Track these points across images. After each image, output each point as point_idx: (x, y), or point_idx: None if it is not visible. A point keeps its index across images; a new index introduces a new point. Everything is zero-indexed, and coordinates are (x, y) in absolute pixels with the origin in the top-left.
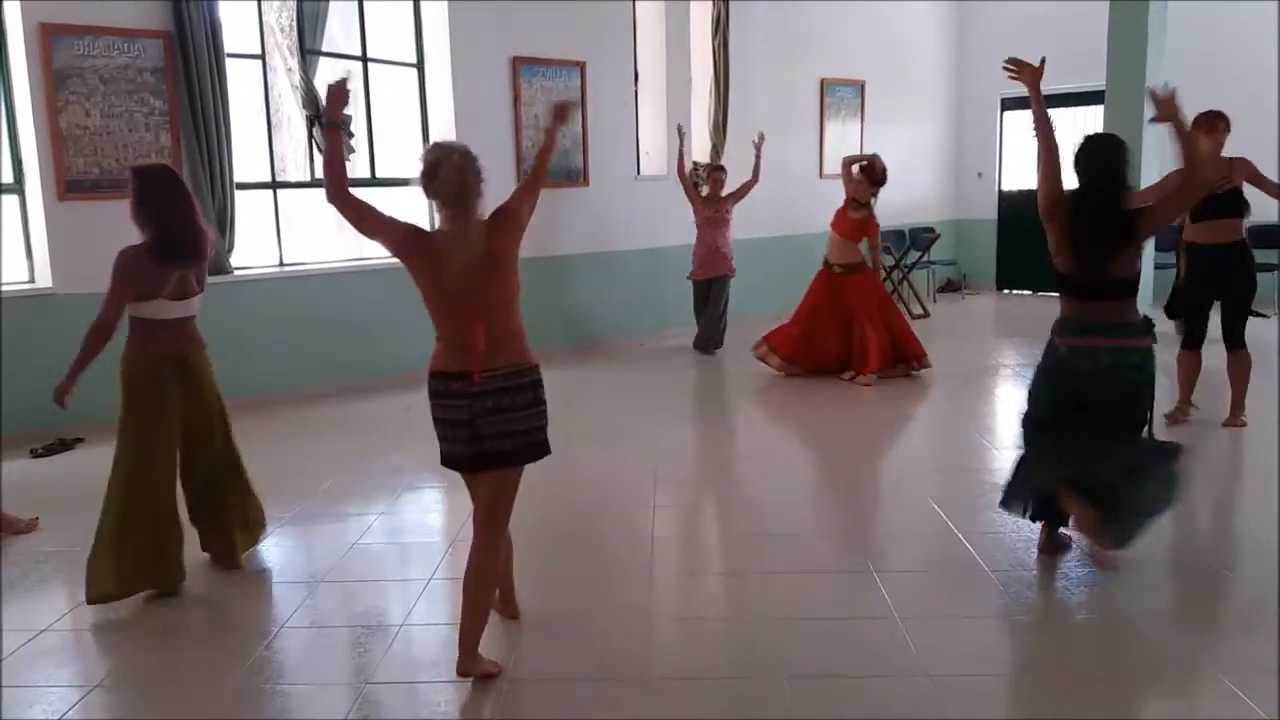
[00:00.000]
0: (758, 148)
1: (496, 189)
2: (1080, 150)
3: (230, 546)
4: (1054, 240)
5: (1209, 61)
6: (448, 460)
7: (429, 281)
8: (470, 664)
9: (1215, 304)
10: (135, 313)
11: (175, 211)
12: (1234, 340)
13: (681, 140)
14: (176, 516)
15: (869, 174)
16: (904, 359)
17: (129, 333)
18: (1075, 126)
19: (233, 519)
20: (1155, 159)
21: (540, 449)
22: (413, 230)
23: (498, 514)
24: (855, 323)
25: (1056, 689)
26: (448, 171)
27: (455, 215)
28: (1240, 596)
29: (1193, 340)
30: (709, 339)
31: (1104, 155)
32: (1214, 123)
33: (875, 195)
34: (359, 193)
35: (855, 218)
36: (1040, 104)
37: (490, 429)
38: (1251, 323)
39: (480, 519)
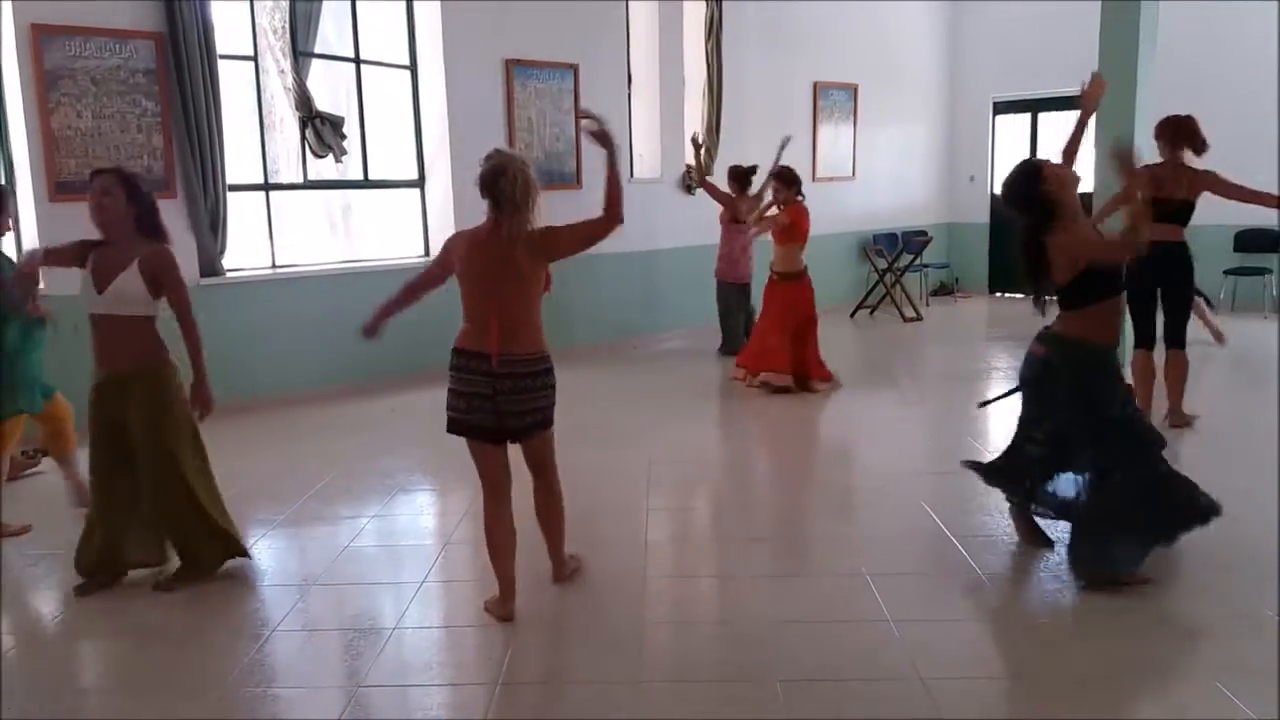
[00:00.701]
0: (781, 148)
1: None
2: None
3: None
4: None
5: (1202, 62)
6: (464, 429)
7: (461, 269)
8: (562, 568)
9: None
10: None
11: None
12: (1171, 339)
13: (698, 150)
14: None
15: (783, 179)
16: (800, 375)
17: (155, 339)
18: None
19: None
20: (1148, 159)
21: (546, 422)
22: (457, 236)
23: (545, 468)
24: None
25: (1049, 691)
26: (507, 182)
27: (499, 219)
28: (1233, 599)
29: (1141, 340)
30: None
31: (1013, 185)
32: (1176, 139)
33: (796, 191)
34: (354, 194)
35: (783, 222)
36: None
37: (509, 406)
38: (1252, 326)
39: (540, 471)
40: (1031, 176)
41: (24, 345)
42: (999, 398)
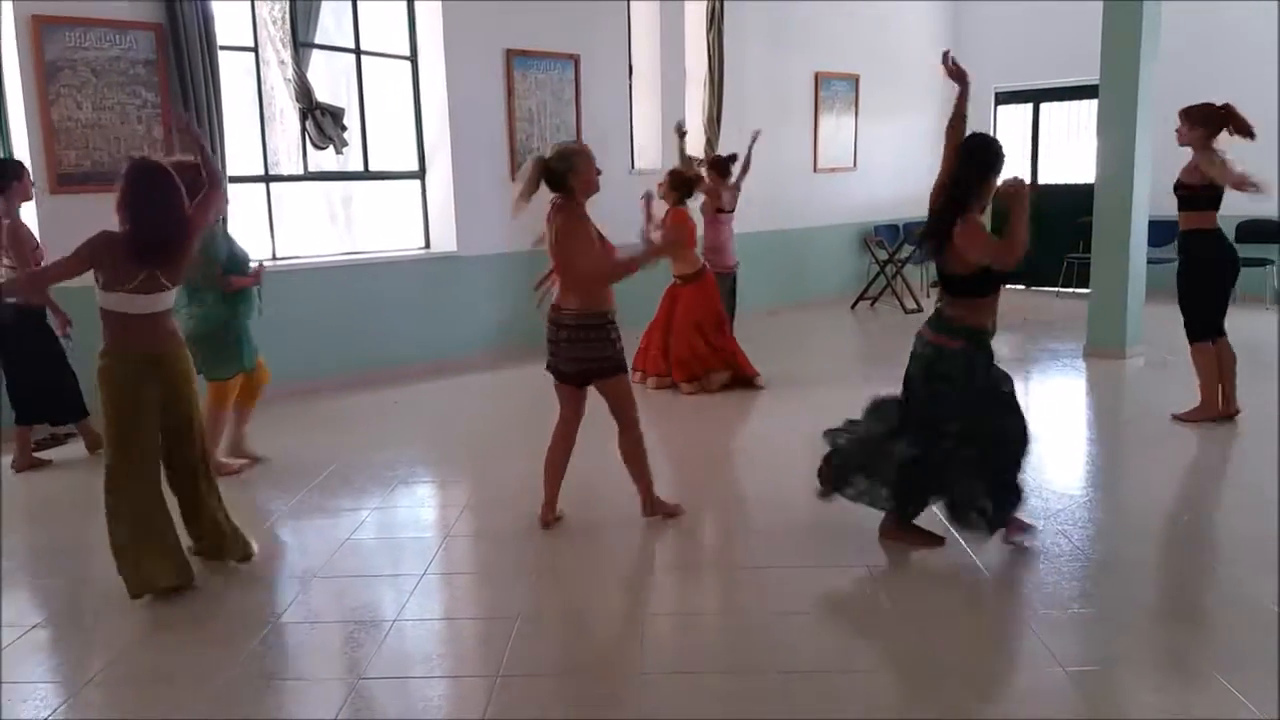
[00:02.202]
0: (752, 142)
1: (488, 181)
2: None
3: (220, 537)
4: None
5: (1204, 53)
6: (549, 367)
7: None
8: (656, 507)
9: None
10: (104, 305)
11: (153, 210)
12: (1187, 332)
13: (681, 138)
14: (167, 515)
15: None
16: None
17: (104, 331)
18: (1069, 121)
19: (217, 509)
20: (1149, 157)
21: (603, 372)
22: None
23: (622, 413)
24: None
25: (1051, 685)
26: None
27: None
28: (1236, 593)
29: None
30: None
31: (965, 153)
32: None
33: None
34: (354, 185)
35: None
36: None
37: (566, 353)
38: (1254, 317)
39: (616, 418)
40: (981, 150)
41: (234, 314)
42: None
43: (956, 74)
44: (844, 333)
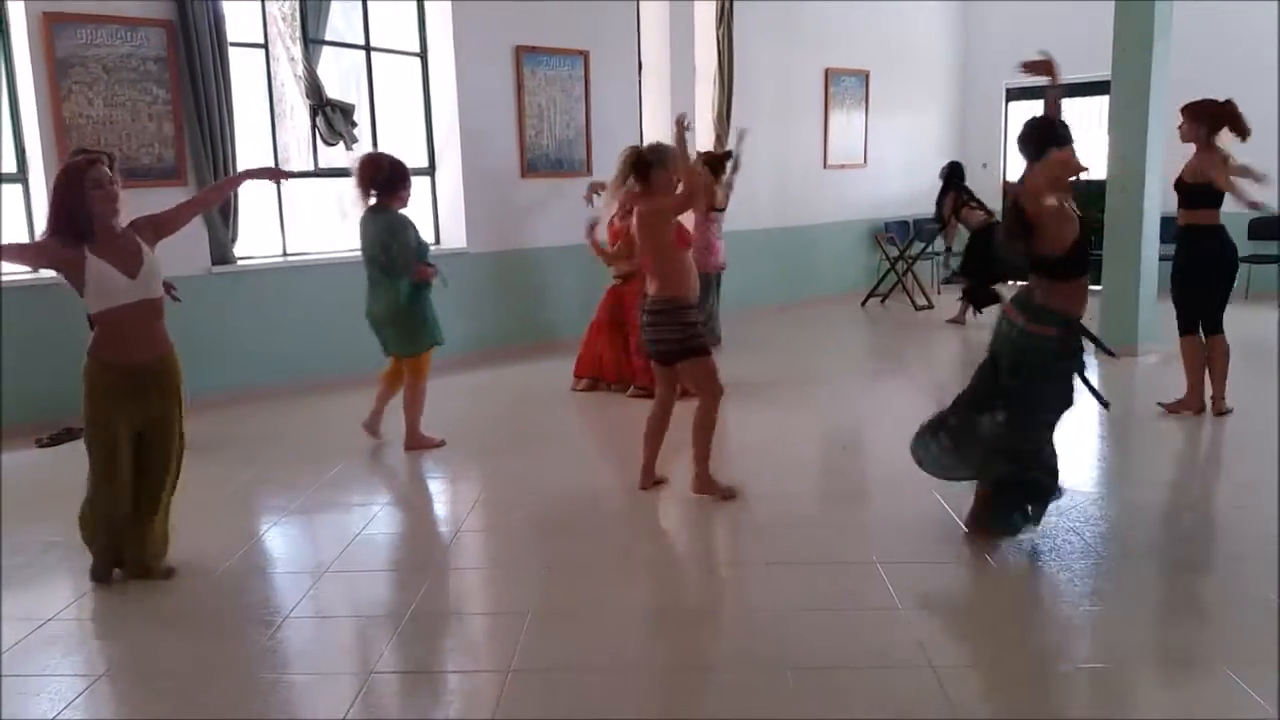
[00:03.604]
0: (740, 141)
1: (501, 177)
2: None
3: (151, 554)
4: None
5: (1216, 49)
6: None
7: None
8: (705, 485)
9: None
10: (94, 308)
11: (61, 198)
12: (1178, 325)
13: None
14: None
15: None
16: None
17: (94, 338)
18: (1080, 117)
19: (158, 527)
20: (1160, 153)
21: (683, 353)
22: None
23: (701, 390)
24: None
25: (1059, 680)
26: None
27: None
28: (1244, 587)
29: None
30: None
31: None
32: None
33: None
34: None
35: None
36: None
37: (649, 335)
38: (1265, 315)
39: (697, 394)
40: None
41: (418, 295)
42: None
43: (1040, 67)
44: (854, 330)
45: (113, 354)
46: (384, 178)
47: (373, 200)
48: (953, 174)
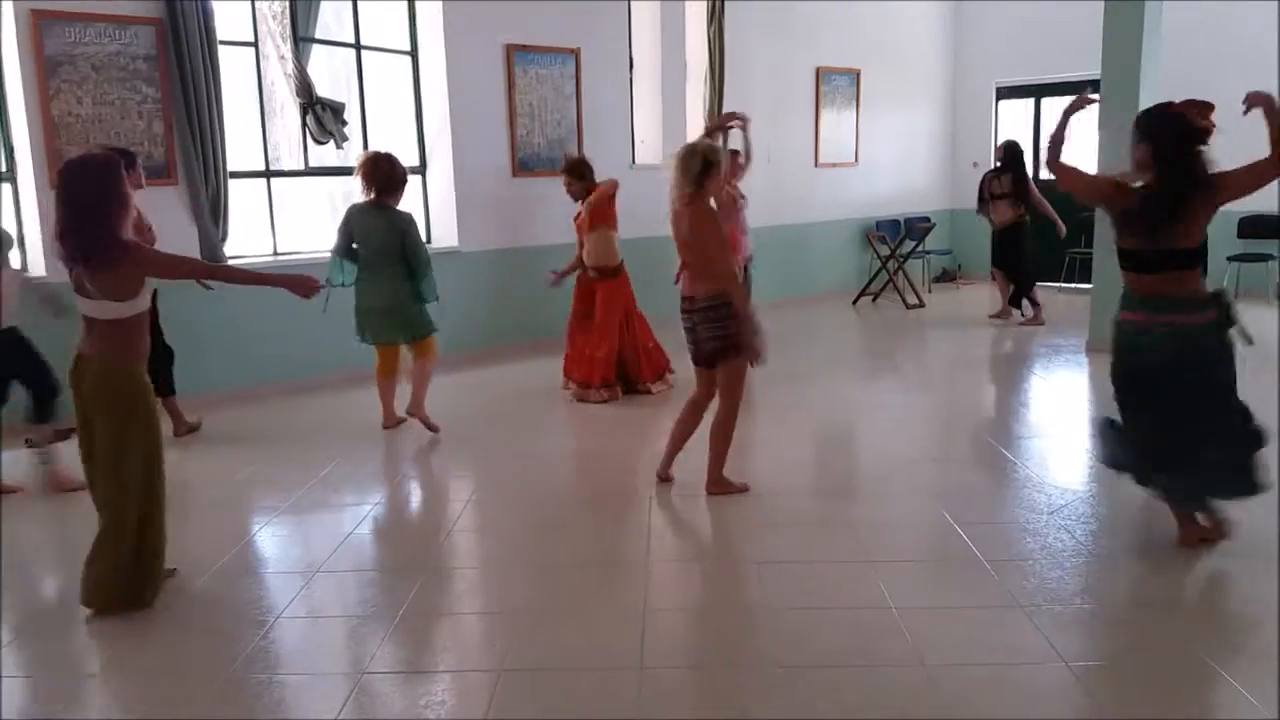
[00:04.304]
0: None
1: (489, 176)
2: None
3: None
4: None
5: (1206, 46)
6: (691, 357)
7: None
8: (719, 485)
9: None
10: (138, 308)
11: (62, 208)
12: None
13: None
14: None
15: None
16: (628, 377)
17: (121, 342)
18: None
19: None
20: None
21: (718, 355)
22: None
23: (729, 390)
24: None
25: (1053, 680)
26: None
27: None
28: (1241, 588)
29: None
30: None
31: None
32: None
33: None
34: (355, 180)
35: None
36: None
37: (701, 333)
38: (1256, 312)
39: (720, 394)
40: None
41: (421, 287)
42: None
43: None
44: (846, 329)
45: (140, 359)
46: (398, 178)
47: (372, 196)
48: (1014, 155)
